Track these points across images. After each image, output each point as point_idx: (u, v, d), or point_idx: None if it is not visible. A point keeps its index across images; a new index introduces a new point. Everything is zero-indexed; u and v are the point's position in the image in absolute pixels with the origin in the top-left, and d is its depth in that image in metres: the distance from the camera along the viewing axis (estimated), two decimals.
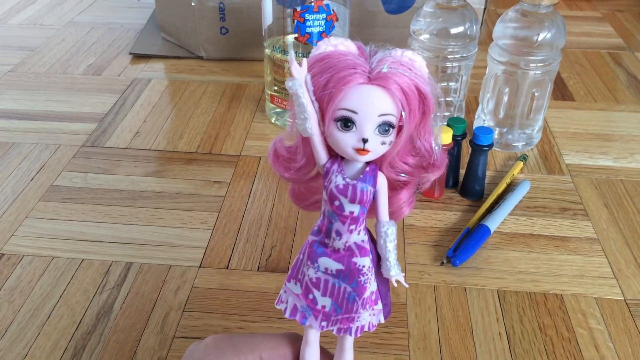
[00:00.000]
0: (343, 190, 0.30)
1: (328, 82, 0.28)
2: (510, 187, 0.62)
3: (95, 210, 0.58)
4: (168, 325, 0.47)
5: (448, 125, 0.59)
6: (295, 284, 0.33)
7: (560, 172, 0.65)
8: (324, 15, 0.64)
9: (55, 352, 0.44)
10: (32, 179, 0.62)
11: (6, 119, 0.73)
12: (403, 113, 0.29)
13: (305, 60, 0.28)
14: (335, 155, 0.31)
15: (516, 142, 0.68)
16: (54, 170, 0.63)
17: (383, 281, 0.33)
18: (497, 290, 0.50)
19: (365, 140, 0.28)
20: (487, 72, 0.67)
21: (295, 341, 0.35)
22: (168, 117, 0.73)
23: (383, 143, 0.29)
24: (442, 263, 0.53)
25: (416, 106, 0.29)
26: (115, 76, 0.83)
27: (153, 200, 0.60)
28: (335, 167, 0.30)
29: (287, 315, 0.33)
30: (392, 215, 0.33)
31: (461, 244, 0.54)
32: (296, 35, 0.65)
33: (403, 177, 0.32)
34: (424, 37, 0.64)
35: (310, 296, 0.32)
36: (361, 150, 0.29)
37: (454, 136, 0.58)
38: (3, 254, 0.53)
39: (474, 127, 0.63)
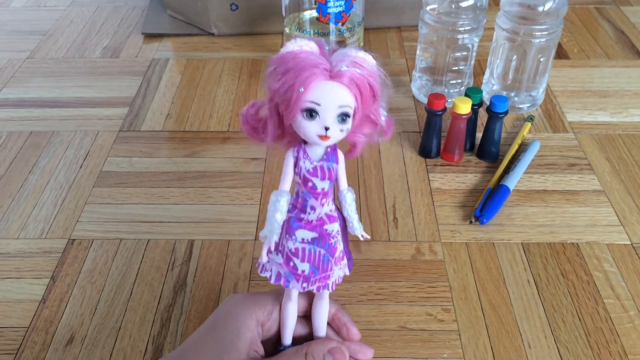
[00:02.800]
0: (313, 173, 0.36)
1: (296, 79, 0.33)
2: (522, 148, 0.68)
3: (148, 192, 0.63)
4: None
5: (466, 95, 0.64)
6: (277, 254, 0.38)
7: (564, 130, 0.71)
8: None
9: (145, 324, 0.50)
10: (81, 166, 0.66)
11: (40, 107, 0.76)
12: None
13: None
14: (296, 141, 0.37)
15: (522, 104, 0.74)
16: (99, 156, 0.68)
17: (345, 241, 0.40)
18: (522, 243, 0.57)
19: (327, 128, 0.34)
20: (494, 39, 0.72)
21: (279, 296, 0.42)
22: (194, 97, 0.77)
23: (341, 130, 0.35)
24: (471, 222, 0.59)
25: (368, 96, 0.35)
26: (133, 58, 0.86)
27: (199, 180, 0.64)
28: (300, 154, 0.36)
29: (272, 281, 0.39)
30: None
31: (485, 204, 0.60)
32: (317, 15, 0.69)
33: (361, 137, 0.38)
34: (436, 11, 0.69)
35: (291, 263, 0.38)
36: (323, 137, 0.34)
37: (472, 105, 0.63)
38: (74, 240, 0.58)
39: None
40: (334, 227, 0.38)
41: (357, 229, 0.39)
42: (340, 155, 0.38)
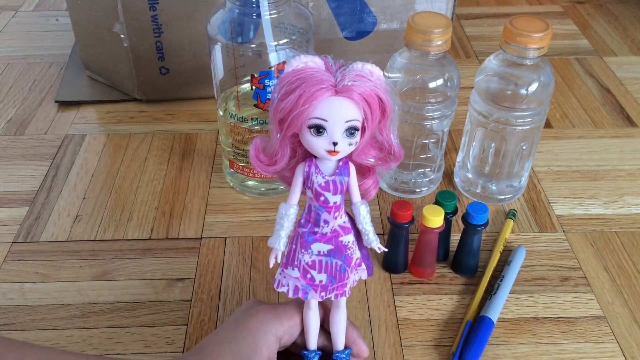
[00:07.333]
0: (325, 187, 0.36)
1: (301, 96, 0.33)
2: (505, 254, 0.57)
3: (40, 338, 0.49)
4: None
5: (437, 202, 0.53)
6: (293, 269, 0.39)
7: (552, 228, 0.60)
8: None
9: None
10: None
11: None
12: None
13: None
14: (307, 156, 0.37)
15: (502, 195, 0.62)
16: None
17: (362, 248, 0.41)
18: None
19: (335, 144, 0.34)
20: (467, 121, 0.61)
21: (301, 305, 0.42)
22: (111, 190, 0.64)
23: (350, 144, 0.35)
24: None
25: (377, 109, 0.34)
26: (41, 134, 0.72)
27: (107, 316, 0.51)
28: (312, 169, 0.36)
29: (290, 295, 0.39)
30: (362, 197, 0.39)
31: (466, 344, 0.48)
32: (256, 102, 0.56)
33: (370, 161, 0.38)
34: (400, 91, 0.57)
35: (309, 275, 0.39)
36: (332, 152, 0.35)
37: (445, 214, 0.52)
38: None
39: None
40: (349, 239, 0.39)
41: (373, 242, 0.39)
42: (352, 168, 0.37)
